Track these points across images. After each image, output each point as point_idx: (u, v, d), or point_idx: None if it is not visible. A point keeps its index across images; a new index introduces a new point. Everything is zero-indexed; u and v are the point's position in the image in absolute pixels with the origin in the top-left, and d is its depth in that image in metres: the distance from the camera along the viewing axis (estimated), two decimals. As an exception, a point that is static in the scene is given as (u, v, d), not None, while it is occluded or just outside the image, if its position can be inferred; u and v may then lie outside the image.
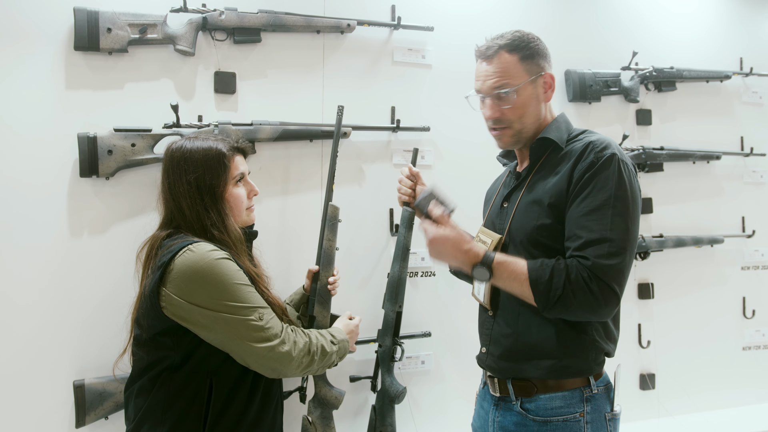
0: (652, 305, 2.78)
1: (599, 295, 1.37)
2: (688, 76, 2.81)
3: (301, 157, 2.18)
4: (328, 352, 1.62)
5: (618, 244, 1.39)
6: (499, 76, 1.56)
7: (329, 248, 1.92)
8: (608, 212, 1.40)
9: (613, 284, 1.38)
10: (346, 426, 2.24)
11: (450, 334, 2.38)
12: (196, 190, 1.53)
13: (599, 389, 1.52)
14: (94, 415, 1.87)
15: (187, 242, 1.45)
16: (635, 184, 1.47)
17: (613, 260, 1.38)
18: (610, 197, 1.41)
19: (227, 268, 1.44)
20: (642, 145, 2.73)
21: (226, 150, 1.58)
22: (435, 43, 2.40)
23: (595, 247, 1.39)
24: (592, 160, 1.45)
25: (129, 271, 1.92)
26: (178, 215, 1.54)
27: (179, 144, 1.58)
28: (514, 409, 1.54)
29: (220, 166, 1.56)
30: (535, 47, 1.57)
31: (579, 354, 1.49)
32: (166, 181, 1.56)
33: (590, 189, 1.43)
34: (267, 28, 2.11)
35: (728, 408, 2.90)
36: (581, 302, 1.38)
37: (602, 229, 1.39)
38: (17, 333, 1.88)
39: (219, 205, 1.55)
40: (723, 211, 2.95)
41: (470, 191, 2.15)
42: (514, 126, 1.59)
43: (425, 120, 2.35)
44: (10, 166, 1.88)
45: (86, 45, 1.92)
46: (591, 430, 1.48)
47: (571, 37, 2.67)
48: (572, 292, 1.38)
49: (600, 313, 1.41)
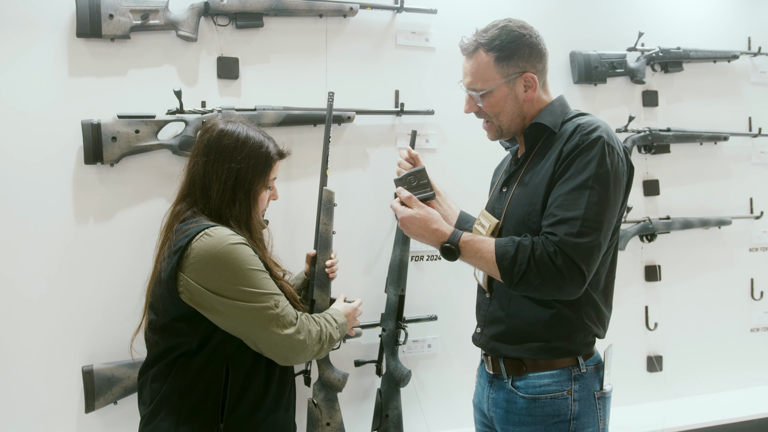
0: (659, 287, 2.77)
1: (564, 271, 1.37)
2: (695, 57, 2.78)
3: (304, 141, 2.17)
4: (334, 339, 1.63)
5: (590, 224, 1.39)
6: (472, 77, 1.59)
7: (325, 232, 1.93)
8: (585, 192, 1.40)
9: (578, 261, 1.38)
10: (353, 409, 2.25)
11: (456, 317, 2.38)
12: (234, 180, 1.50)
13: (588, 368, 1.54)
14: (103, 400, 1.89)
15: (203, 226, 1.43)
16: (620, 167, 1.46)
17: (583, 239, 1.38)
18: (590, 178, 1.41)
19: (244, 253, 1.43)
20: (648, 127, 2.70)
21: (273, 152, 1.57)
22: (438, 26, 2.38)
23: (566, 224, 1.39)
24: (576, 142, 1.45)
25: (135, 256, 1.95)
26: (201, 195, 1.51)
27: (232, 128, 1.53)
28: (506, 387, 1.58)
29: (265, 167, 1.54)
30: (516, 46, 1.54)
31: (568, 336, 1.51)
32: (204, 158, 1.51)
33: (572, 170, 1.44)
34: (269, 12, 2.10)
35: (736, 389, 2.89)
36: (545, 278, 1.39)
37: (576, 209, 1.40)
38: (25, 320, 1.89)
39: (249, 201, 1.53)
40: (731, 192, 2.93)
41: (475, 174, 2.14)
42: (493, 122, 1.62)
43: (429, 103, 2.34)
44: (15, 154, 1.88)
45: (88, 32, 1.91)
46: (579, 408, 1.50)
47: (576, 18, 2.64)
48: (536, 267, 1.39)
49: (565, 290, 1.41)
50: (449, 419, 2.40)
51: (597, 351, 1.60)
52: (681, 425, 2.55)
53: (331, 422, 1.98)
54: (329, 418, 1.98)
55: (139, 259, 1.90)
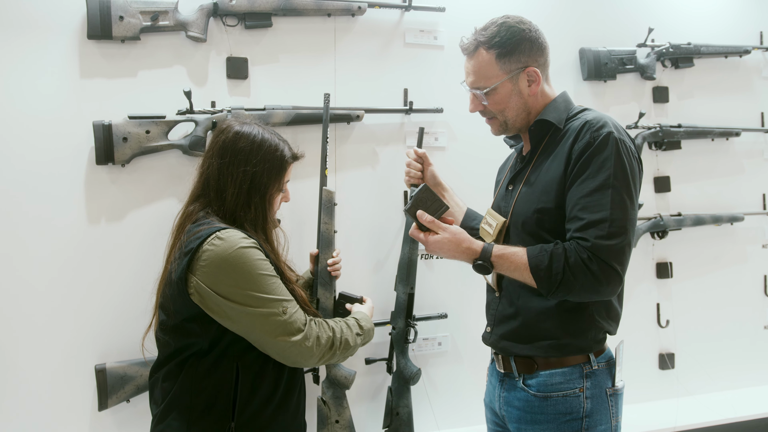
0: (670, 284, 2.76)
1: (600, 275, 1.38)
2: (705, 52, 2.75)
3: (313, 140, 2.18)
4: (351, 345, 1.61)
5: (618, 224, 1.39)
6: (475, 75, 1.59)
7: (327, 231, 1.94)
8: (608, 192, 1.40)
9: (613, 263, 1.38)
10: (364, 407, 2.26)
11: (467, 315, 2.38)
12: (249, 184, 1.50)
13: (600, 365, 1.53)
14: (116, 398, 1.91)
15: (214, 228, 1.43)
16: (634, 163, 1.46)
17: (614, 240, 1.38)
18: (609, 177, 1.41)
19: (254, 257, 1.43)
20: (659, 123, 2.69)
21: (288, 155, 1.56)
22: (447, 24, 2.38)
23: (595, 228, 1.39)
24: (588, 140, 1.45)
25: (147, 255, 1.96)
26: (215, 197, 1.51)
27: (248, 130, 1.52)
28: (518, 386, 1.57)
29: (280, 171, 1.54)
30: (517, 41, 1.54)
31: (579, 333, 1.51)
32: (219, 160, 1.50)
33: (590, 170, 1.43)
34: (278, 12, 2.11)
35: (749, 387, 2.87)
36: (583, 284, 1.40)
37: (602, 210, 1.40)
38: (39, 319, 1.92)
39: (264, 204, 1.53)
40: (743, 188, 2.91)
41: (486, 171, 2.13)
42: (498, 117, 1.62)
43: (438, 101, 2.34)
44: (27, 155, 1.91)
45: (99, 33, 1.93)
46: (591, 405, 1.50)
47: (585, 14, 2.63)
48: (572, 275, 1.40)
49: (603, 292, 1.42)
50: (459, 417, 2.40)
51: (608, 348, 1.59)
52: (693, 423, 2.54)
53: (340, 419, 1.99)
54: (338, 415, 1.99)
55: (150, 258, 1.92)
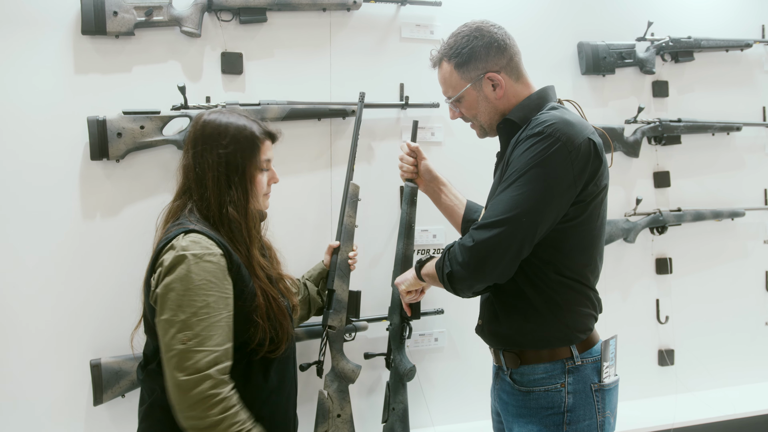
0: (670, 280, 2.74)
1: (469, 267, 1.41)
2: (706, 46, 2.73)
3: (309, 136, 2.18)
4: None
5: (497, 217, 1.39)
6: (443, 86, 1.65)
7: (350, 224, 1.99)
8: (509, 190, 1.41)
9: (478, 255, 1.40)
10: (363, 402, 2.26)
11: (463, 311, 2.37)
12: (225, 165, 1.49)
13: (585, 360, 1.51)
14: (111, 393, 1.92)
15: (181, 230, 1.41)
16: (558, 161, 1.39)
17: (487, 232, 1.39)
18: (516, 171, 1.41)
19: (196, 269, 1.35)
20: (659, 118, 2.67)
21: (258, 132, 1.55)
22: (443, 19, 2.36)
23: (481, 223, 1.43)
24: (519, 139, 1.47)
25: (141, 251, 1.95)
26: (197, 187, 1.49)
27: (213, 117, 1.53)
28: (506, 379, 1.59)
29: (252, 147, 1.53)
30: (470, 50, 1.54)
31: (558, 323, 1.50)
32: (192, 150, 1.51)
33: (509, 170, 1.45)
34: (272, 7, 2.10)
35: (749, 384, 2.85)
36: (460, 277, 1.44)
37: (495, 206, 1.42)
38: (34, 314, 1.92)
39: (245, 184, 1.52)
40: (744, 183, 2.88)
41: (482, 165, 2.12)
42: (474, 122, 1.66)
43: (434, 96, 2.32)
44: (22, 151, 1.91)
45: (93, 29, 1.93)
46: (573, 400, 1.49)
47: (583, 8, 2.61)
48: (450, 269, 1.45)
49: (475, 282, 1.44)
50: (455, 413, 2.40)
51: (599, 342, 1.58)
52: (692, 420, 2.52)
53: (342, 414, 1.98)
54: (340, 409, 1.98)
55: (144, 254, 1.88)
